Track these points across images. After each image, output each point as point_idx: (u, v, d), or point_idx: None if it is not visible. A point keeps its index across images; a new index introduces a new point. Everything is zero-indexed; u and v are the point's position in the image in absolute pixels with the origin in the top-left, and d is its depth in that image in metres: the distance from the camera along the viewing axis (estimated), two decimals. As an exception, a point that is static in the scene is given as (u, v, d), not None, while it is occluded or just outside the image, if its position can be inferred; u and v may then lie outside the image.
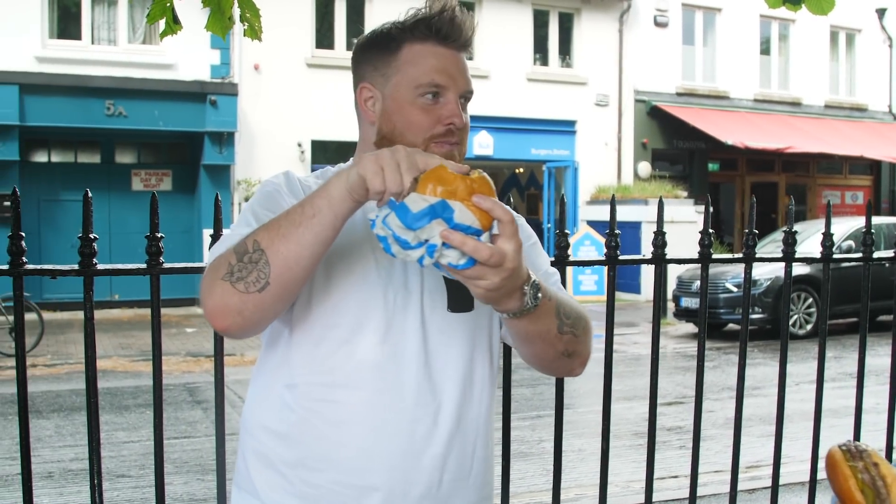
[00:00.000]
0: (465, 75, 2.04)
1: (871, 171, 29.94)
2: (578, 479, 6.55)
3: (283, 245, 1.71)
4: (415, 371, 1.95)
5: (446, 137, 1.99)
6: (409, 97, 1.98)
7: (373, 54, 2.06)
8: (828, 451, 1.64)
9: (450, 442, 1.98)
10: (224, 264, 1.75)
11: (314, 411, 1.93)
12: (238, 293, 1.73)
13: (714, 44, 26.51)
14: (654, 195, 21.33)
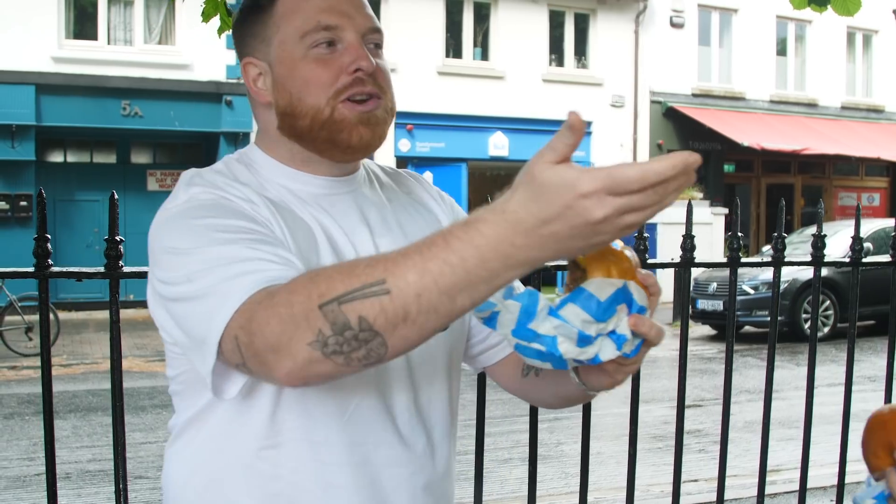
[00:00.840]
0: (362, 11, 1.64)
1: (887, 172, 29.81)
2: (597, 482, 6.50)
3: (414, 332, 1.26)
4: (407, 411, 1.68)
5: (357, 88, 1.59)
6: (297, 52, 1.60)
7: (249, 22, 1.67)
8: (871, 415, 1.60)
9: (443, 478, 1.76)
10: (308, 328, 1.27)
11: (305, 473, 1.60)
12: (335, 365, 1.29)
13: (730, 44, 26.45)
14: (669, 196, 21.27)
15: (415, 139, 21.49)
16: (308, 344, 1.27)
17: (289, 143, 1.65)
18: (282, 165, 1.67)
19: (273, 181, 1.65)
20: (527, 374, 1.80)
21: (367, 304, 1.23)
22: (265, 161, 1.68)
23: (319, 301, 1.26)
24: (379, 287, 1.23)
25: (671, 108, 24.99)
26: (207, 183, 1.56)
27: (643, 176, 1.10)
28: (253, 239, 1.45)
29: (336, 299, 1.25)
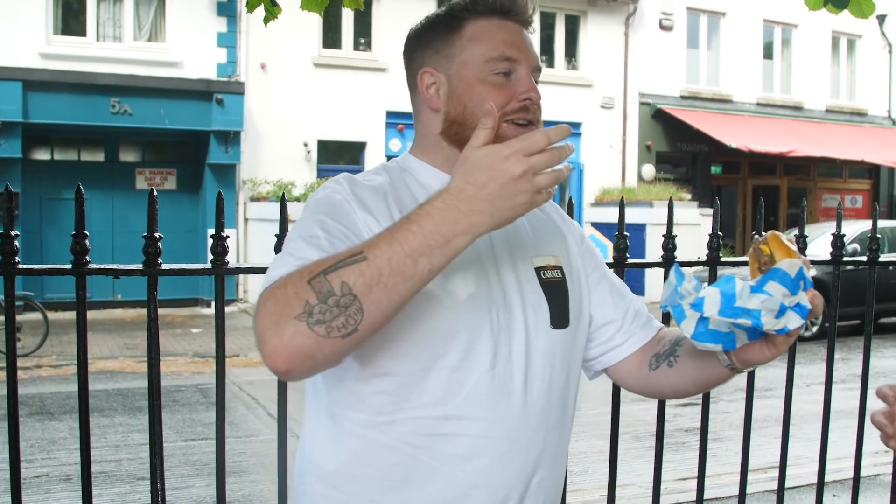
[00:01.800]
0: (533, 50, 1.91)
1: (870, 175, 30.00)
2: (602, 479, 6.53)
3: (385, 295, 1.52)
4: (523, 395, 1.83)
5: (522, 114, 1.84)
6: (479, 74, 1.85)
7: (431, 37, 1.92)
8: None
9: (554, 464, 1.93)
10: (297, 301, 1.51)
11: (423, 448, 1.77)
12: (315, 336, 1.51)
13: (718, 47, 26.57)
14: (658, 197, 21.36)
15: (405, 139, 21.48)
16: (296, 317, 1.50)
17: (447, 147, 1.91)
18: (434, 169, 1.93)
19: (423, 183, 1.91)
20: (656, 368, 2.00)
21: (348, 270, 1.51)
22: (420, 166, 1.95)
23: (309, 277, 1.52)
24: (358, 256, 1.52)
25: (660, 109, 25.07)
26: (342, 186, 1.84)
27: (544, 134, 1.52)
28: (323, 242, 1.69)
29: (322, 272, 1.52)
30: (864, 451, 3.86)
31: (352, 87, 20.87)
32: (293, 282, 1.53)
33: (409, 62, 1.97)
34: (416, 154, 1.97)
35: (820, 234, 15.37)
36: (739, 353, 1.76)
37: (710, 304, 1.57)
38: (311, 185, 18.64)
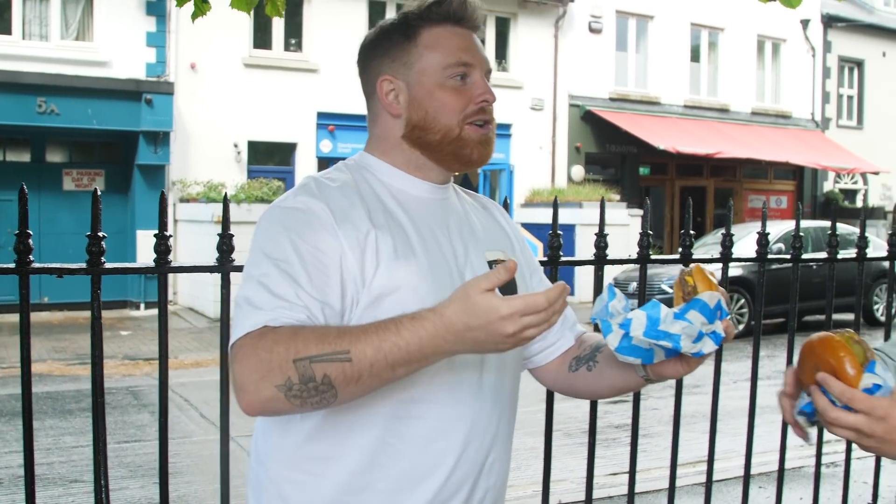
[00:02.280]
0: (484, 54, 2.04)
1: (794, 176, 30.55)
2: (535, 475, 6.63)
3: (360, 390, 1.70)
4: (479, 380, 1.95)
5: (480, 115, 1.98)
6: (437, 79, 1.96)
7: (388, 46, 2.01)
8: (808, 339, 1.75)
9: (504, 446, 2.05)
10: (280, 374, 1.67)
11: (390, 430, 1.87)
12: (291, 405, 1.70)
13: (646, 50, 26.90)
14: (587, 198, 21.57)
15: (336, 140, 21.48)
16: (276, 386, 1.66)
17: (409, 150, 2.02)
18: (396, 169, 2.02)
19: (385, 182, 2.00)
20: (576, 370, 2.16)
21: (332, 366, 1.66)
22: (381, 166, 2.03)
23: (295, 356, 1.66)
24: (344, 355, 1.66)
25: (589, 111, 25.31)
26: (318, 196, 1.89)
27: (548, 300, 1.61)
28: (302, 272, 1.78)
29: (309, 358, 1.66)
30: (789, 445, 3.98)
31: (282, 88, 20.80)
32: (279, 353, 1.67)
33: (366, 70, 2.06)
34: (375, 154, 2.05)
35: (746, 233, 15.70)
36: (655, 368, 1.93)
37: (636, 325, 1.74)
38: (241, 185, 18.53)
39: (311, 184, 1.94)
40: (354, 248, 1.83)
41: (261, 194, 17.57)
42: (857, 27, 31.18)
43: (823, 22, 30.41)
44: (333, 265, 1.81)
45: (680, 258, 3.57)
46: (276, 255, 1.81)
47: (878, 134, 31.81)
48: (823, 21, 30.37)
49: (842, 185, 31.72)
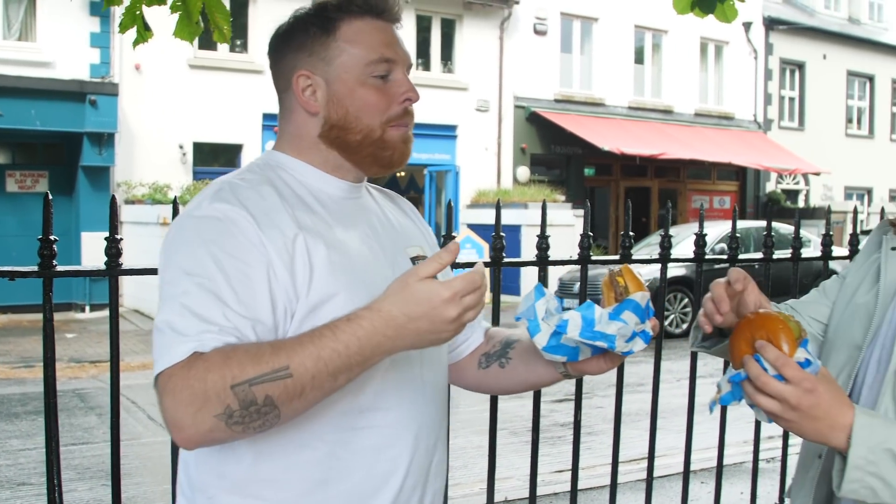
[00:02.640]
0: (405, 48, 1.94)
1: (737, 177, 30.93)
2: (481, 473, 6.69)
3: (303, 405, 1.63)
4: (422, 380, 1.91)
5: (403, 118, 1.90)
6: (359, 77, 1.85)
7: (304, 39, 1.89)
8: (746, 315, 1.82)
9: (444, 445, 2.02)
10: (218, 403, 1.56)
11: (341, 443, 1.79)
12: (232, 433, 1.60)
13: (591, 52, 27.11)
14: (532, 199, 21.69)
15: (283, 141, 21.43)
16: (215, 416, 1.57)
17: (327, 150, 1.91)
18: (313, 168, 1.91)
19: (301, 181, 1.88)
20: (486, 367, 2.13)
21: (273, 385, 1.58)
22: (297, 164, 1.91)
23: (232, 382, 1.56)
24: (284, 372, 1.58)
25: (534, 112, 25.48)
26: (233, 199, 1.76)
27: (479, 272, 1.62)
28: (226, 294, 1.66)
29: (248, 381, 1.57)
30: (731, 441, 4.08)
31: (228, 89, 20.72)
32: (213, 381, 1.56)
33: (279, 63, 1.95)
34: (288, 152, 1.93)
35: (689, 234, 15.83)
36: (577, 364, 1.92)
37: (572, 327, 1.78)
38: (187, 187, 18.45)
39: (226, 188, 1.79)
40: (283, 255, 1.71)
41: (206, 195, 17.48)
42: (799, 30, 31.65)
43: (765, 24, 30.84)
44: (260, 278, 1.69)
45: (620, 259, 3.65)
46: (197, 271, 1.67)
47: (818, 135, 32.31)
48: (765, 24, 30.80)
49: (784, 185, 32.19)
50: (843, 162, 31.07)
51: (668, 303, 15.84)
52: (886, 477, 1.66)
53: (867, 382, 1.94)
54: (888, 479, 1.66)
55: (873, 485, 1.67)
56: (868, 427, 1.67)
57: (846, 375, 1.98)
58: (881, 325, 1.96)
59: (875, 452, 1.66)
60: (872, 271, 2.06)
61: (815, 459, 2.03)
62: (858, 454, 1.66)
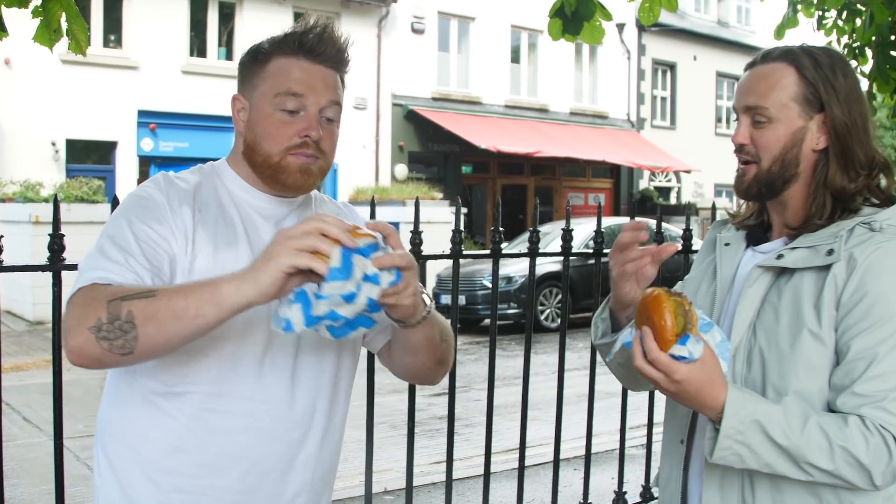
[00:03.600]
0: (330, 90, 2.07)
1: (611, 174, 31.58)
2: (361, 466, 6.75)
3: (156, 330, 1.76)
4: (291, 379, 2.05)
5: (301, 149, 2.03)
6: (269, 107, 2.04)
7: (247, 67, 2.12)
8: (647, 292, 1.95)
9: (321, 445, 2.12)
10: (93, 315, 1.77)
11: (199, 420, 1.99)
12: (101, 349, 1.77)
13: (468, 51, 27.39)
14: (411, 196, 21.78)
15: (158, 138, 21.15)
16: (88, 328, 1.76)
17: (246, 165, 2.13)
18: (240, 179, 2.14)
19: (228, 188, 2.13)
20: (388, 353, 2.28)
21: (137, 302, 1.77)
22: (230, 174, 2.15)
23: (109, 298, 1.78)
24: (150, 292, 1.78)
25: (412, 111, 25.63)
26: (159, 186, 2.06)
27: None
28: (135, 244, 1.93)
29: (120, 297, 1.77)
30: (603, 430, 4.25)
31: (102, 85, 20.35)
32: (97, 296, 1.80)
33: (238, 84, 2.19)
34: (229, 162, 2.18)
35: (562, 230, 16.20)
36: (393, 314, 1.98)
37: (297, 320, 1.76)
38: (60, 185, 18.08)
39: (161, 178, 2.08)
40: (179, 238, 1.97)
41: (81, 194, 17.14)
42: (670, 31, 32.43)
43: (638, 26, 31.52)
44: (163, 246, 1.95)
45: (491, 254, 3.80)
46: (115, 233, 1.95)
47: (689, 134, 33.20)
48: (638, 25, 31.48)
49: (657, 183, 32.96)
50: (712, 160, 31.90)
51: (544, 297, 16.16)
52: (752, 445, 1.89)
53: None
54: (754, 447, 1.89)
55: (741, 452, 1.90)
56: (739, 401, 1.89)
57: None
58: (722, 314, 2.17)
59: (744, 423, 1.88)
60: (710, 270, 2.27)
61: (678, 445, 2.23)
62: (730, 424, 1.88)
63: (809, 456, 1.87)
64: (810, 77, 2.06)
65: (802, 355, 1.97)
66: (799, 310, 1.99)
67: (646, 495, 4.70)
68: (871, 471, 1.87)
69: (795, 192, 2.10)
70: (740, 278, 2.17)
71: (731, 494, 2.06)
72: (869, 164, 2.08)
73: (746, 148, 2.10)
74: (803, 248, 2.03)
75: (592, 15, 4.16)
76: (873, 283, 1.92)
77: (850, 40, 5.85)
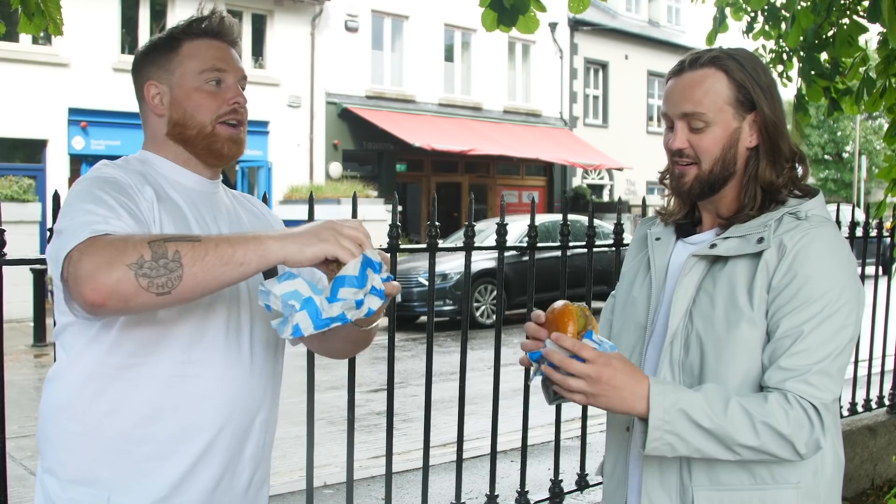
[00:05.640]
0: (239, 63, 2.32)
1: (545, 172, 31.82)
2: (300, 462, 6.81)
3: (203, 271, 1.85)
4: (250, 347, 2.22)
5: (231, 115, 2.25)
6: (195, 83, 2.23)
7: (155, 56, 2.27)
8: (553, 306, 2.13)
9: (270, 410, 2.31)
10: (133, 252, 1.82)
11: (172, 387, 2.09)
12: (137, 287, 1.81)
13: (402, 49, 27.41)
14: (345, 195, 21.80)
15: (89, 137, 20.89)
16: (128, 265, 1.81)
17: (174, 146, 2.27)
18: (172, 164, 2.27)
19: (162, 174, 2.24)
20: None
21: (184, 244, 1.86)
22: (160, 161, 2.27)
23: (150, 239, 1.85)
24: (195, 238, 1.89)
25: (346, 109, 25.60)
26: (115, 166, 2.17)
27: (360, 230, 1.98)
28: (118, 207, 2.00)
29: (164, 239, 1.86)
30: (539, 423, 4.33)
31: (31, 83, 19.98)
32: (133, 239, 1.85)
33: (137, 78, 2.31)
34: (151, 150, 2.29)
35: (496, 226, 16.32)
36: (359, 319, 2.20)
37: (305, 325, 1.92)
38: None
39: (109, 163, 2.18)
40: (147, 215, 2.08)
41: (10, 193, 16.93)
42: (602, 31, 32.79)
43: (570, 25, 31.79)
44: (143, 211, 2.06)
45: (427, 247, 3.88)
46: (93, 200, 2.00)
47: (621, 132, 33.58)
48: (570, 24, 31.75)
49: (589, 180, 33.28)
50: (644, 158, 32.22)
51: (479, 294, 16.26)
52: (681, 433, 1.99)
53: (652, 355, 2.26)
54: (682, 435, 1.99)
55: (671, 441, 2.00)
56: (661, 392, 1.99)
57: (638, 353, 2.30)
58: (658, 304, 2.28)
59: (670, 413, 1.98)
60: (644, 264, 2.39)
61: (624, 433, 2.33)
62: (656, 416, 1.98)
63: (735, 435, 1.98)
64: (739, 79, 2.17)
65: (738, 337, 2.09)
66: (733, 295, 2.11)
67: (581, 483, 4.81)
68: (793, 441, 1.99)
69: (730, 189, 2.22)
70: (673, 269, 2.28)
71: (671, 476, 2.18)
72: (792, 158, 2.22)
73: (686, 152, 2.20)
74: (735, 238, 2.15)
75: (528, 7, 4.24)
76: (802, 266, 2.05)
77: (776, 45, 6.00)
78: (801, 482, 2.12)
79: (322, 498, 6.02)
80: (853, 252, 2.25)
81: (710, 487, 2.13)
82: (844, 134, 48.02)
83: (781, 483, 2.11)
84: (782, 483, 2.11)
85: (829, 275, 2.06)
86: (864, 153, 44.34)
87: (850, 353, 2.09)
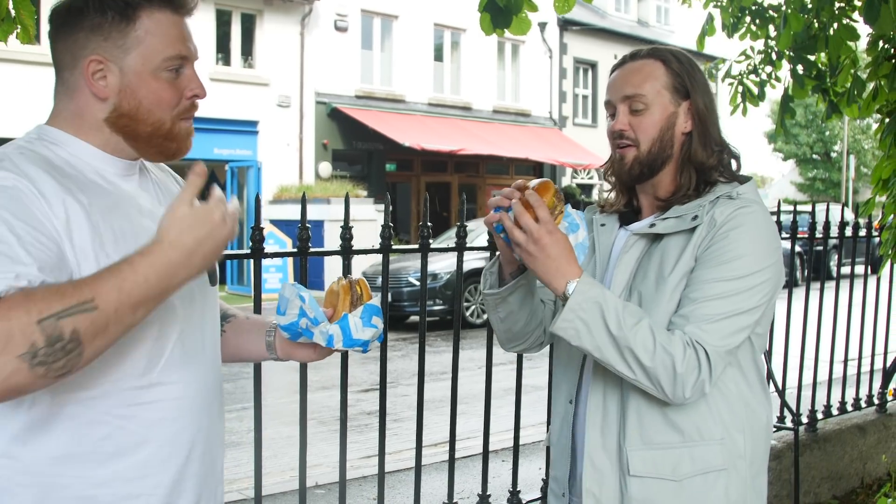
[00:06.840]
0: (195, 43, 1.97)
1: (534, 172, 31.75)
2: (291, 462, 6.83)
3: (104, 342, 1.63)
4: (202, 350, 2.01)
5: (191, 111, 1.96)
6: (154, 71, 1.87)
7: (101, 22, 1.84)
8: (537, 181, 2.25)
9: (219, 413, 2.10)
10: (23, 341, 1.52)
11: (129, 417, 1.84)
12: (34, 376, 1.55)
13: (391, 49, 27.41)
14: (335, 194, 21.80)
15: None
16: (19, 356, 1.52)
17: (110, 134, 1.90)
18: (95, 149, 1.89)
19: (79, 158, 1.87)
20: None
21: (80, 318, 1.57)
22: (77, 143, 1.88)
23: (39, 317, 1.54)
24: (90, 304, 1.58)
25: (335, 108, 25.58)
26: (16, 168, 1.74)
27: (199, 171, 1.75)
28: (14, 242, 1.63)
29: (55, 315, 1.55)
30: (528, 423, 4.32)
31: (29, 83, 19.87)
32: (18, 317, 1.53)
33: (67, 39, 1.88)
34: (66, 129, 1.90)
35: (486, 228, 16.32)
36: (286, 348, 2.23)
37: (337, 339, 2.05)
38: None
39: (7, 160, 1.77)
40: (60, 218, 1.73)
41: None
42: (591, 31, 32.80)
43: (560, 25, 31.82)
44: (51, 236, 1.70)
45: (419, 248, 3.87)
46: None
47: (610, 132, 33.50)
48: (559, 24, 31.78)
49: (578, 180, 33.28)
50: (633, 158, 32.21)
51: (469, 294, 16.27)
52: (589, 323, 2.13)
53: None
54: (590, 326, 2.13)
55: (578, 327, 2.14)
56: (589, 284, 2.15)
57: None
58: (602, 283, 2.37)
59: (588, 302, 2.13)
60: (590, 246, 2.47)
61: (568, 405, 2.47)
62: (576, 301, 2.13)
63: (634, 348, 2.11)
64: (676, 69, 2.36)
65: (662, 296, 2.24)
66: (662, 266, 2.27)
67: (572, 483, 4.82)
68: (683, 380, 2.12)
69: (667, 172, 2.38)
70: (616, 252, 2.43)
71: (611, 440, 2.31)
72: (721, 143, 2.38)
73: (626, 133, 2.40)
74: (672, 218, 2.31)
75: (521, 8, 4.25)
76: (726, 235, 2.21)
77: (764, 46, 6.01)
78: (726, 439, 2.27)
79: (314, 498, 6.01)
80: (845, 251, 2.35)
81: (643, 447, 2.27)
82: (833, 133, 48.20)
83: (708, 439, 2.25)
84: (708, 439, 2.25)
85: (749, 246, 2.21)
86: (853, 153, 44.52)
87: (751, 322, 2.23)
